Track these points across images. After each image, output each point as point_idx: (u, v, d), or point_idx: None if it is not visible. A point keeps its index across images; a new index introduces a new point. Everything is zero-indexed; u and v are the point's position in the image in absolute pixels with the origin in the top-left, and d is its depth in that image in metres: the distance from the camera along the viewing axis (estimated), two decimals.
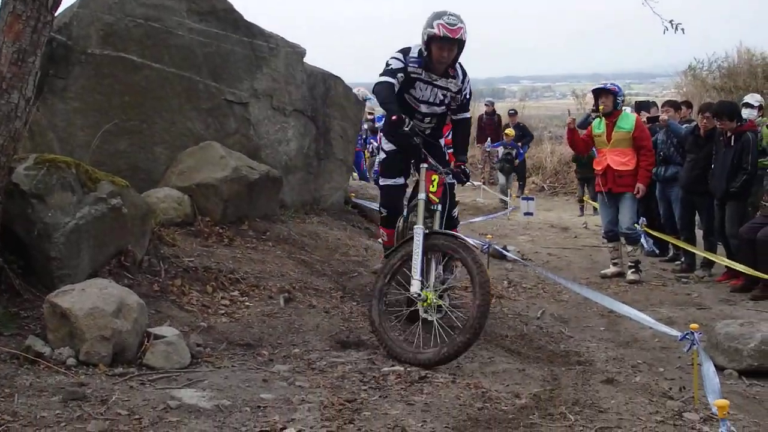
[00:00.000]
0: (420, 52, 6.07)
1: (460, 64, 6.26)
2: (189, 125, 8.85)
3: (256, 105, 9.53)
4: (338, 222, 9.97)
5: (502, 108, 24.86)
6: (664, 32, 8.13)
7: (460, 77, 6.28)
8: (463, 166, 6.28)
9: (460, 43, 5.95)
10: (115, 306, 4.72)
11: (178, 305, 5.72)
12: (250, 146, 9.30)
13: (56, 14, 5.35)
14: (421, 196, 5.88)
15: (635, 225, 9.71)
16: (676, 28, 8.13)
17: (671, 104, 11.93)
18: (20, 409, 3.86)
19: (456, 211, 6.82)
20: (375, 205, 10.66)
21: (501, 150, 18.71)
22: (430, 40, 5.91)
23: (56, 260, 5.30)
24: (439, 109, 6.37)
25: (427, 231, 5.64)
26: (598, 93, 9.55)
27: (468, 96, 6.49)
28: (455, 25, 5.85)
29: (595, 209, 14.94)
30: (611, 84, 9.61)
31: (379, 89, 6.03)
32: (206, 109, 9.05)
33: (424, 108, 6.32)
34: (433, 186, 5.91)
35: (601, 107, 9.46)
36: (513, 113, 21.06)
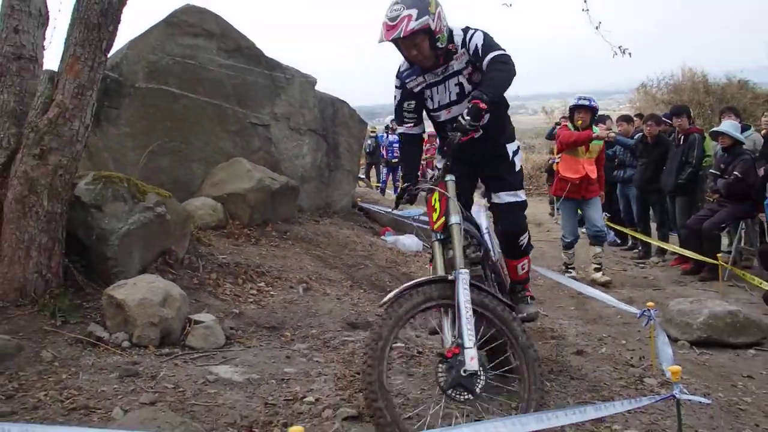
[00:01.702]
0: None
1: (452, 30, 4.01)
2: (220, 144, 8.91)
3: (276, 126, 9.58)
4: (347, 223, 9.99)
5: None
6: (613, 56, 8.21)
7: (460, 43, 3.97)
8: (477, 104, 3.54)
9: (422, 33, 3.78)
10: (161, 297, 4.75)
11: (214, 295, 5.73)
12: (272, 161, 9.34)
13: (109, 55, 5.38)
14: (453, 219, 3.57)
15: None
16: (624, 52, 8.21)
17: (624, 118, 12.03)
18: (84, 385, 3.91)
19: (524, 239, 4.38)
20: (377, 208, 10.70)
21: None
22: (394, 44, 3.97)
23: (112, 259, 5.33)
24: (460, 108, 4.05)
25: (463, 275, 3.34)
26: (578, 108, 8.44)
27: (479, 46, 3.90)
28: (396, 17, 3.76)
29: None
30: (592, 101, 8.45)
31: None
32: (234, 131, 9.11)
33: (443, 117, 4.24)
34: (435, 212, 3.65)
35: (579, 122, 8.34)
36: None
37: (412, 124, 4.32)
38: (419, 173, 4.40)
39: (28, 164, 4.88)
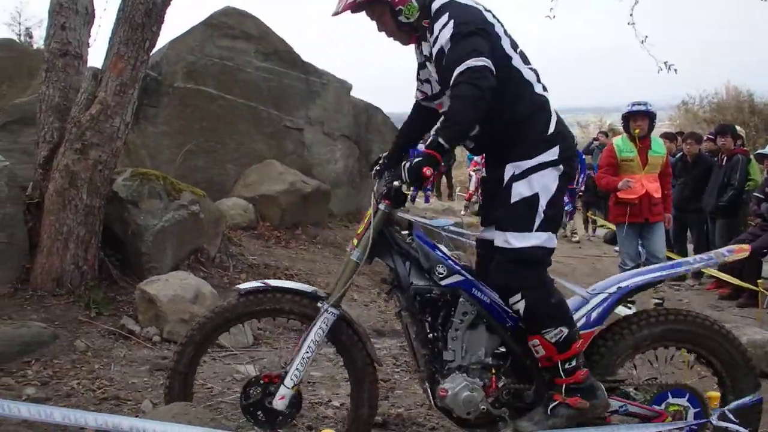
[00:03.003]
0: None
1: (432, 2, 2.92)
2: (254, 146, 9.07)
3: (309, 130, 9.72)
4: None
5: None
6: (658, 71, 8.05)
7: (433, 26, 2.87)
8: (424, 160, 2.64)
9: (378, 4, 2.93)
10: (192, 294, 4.88)
11: None
12: (304, 164, 9.47)
13: (150, 54, 5.55)
14: (355, 254, 2.91)
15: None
16: (669, 69, 8.08)
17: (666, 136, 11.80)
18: (115, 376, 4.06)
19: (520, 304, 2.84)
20: (408, 216, 10.70)
21: None
22: None
23: (146, 255, 5.48)
24: (445, 95, 2.95)
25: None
26: (633, 115, 7.11)
27: (445, 49, 2.80)
28: None
29: (595, 223, 14.65)
30: (648, 106, 7.17)
31: None
32: (268, 133, 9.26)
33: (438, 106, 3.14)
34: (360, 228, 2.98)
35: (636, 131, 7.02)
36: None
37: (421, 96, 3.30)
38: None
39: (69, 158, 5.06)
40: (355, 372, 3.03)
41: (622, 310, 5.94)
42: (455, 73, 2.66)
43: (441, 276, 2.91)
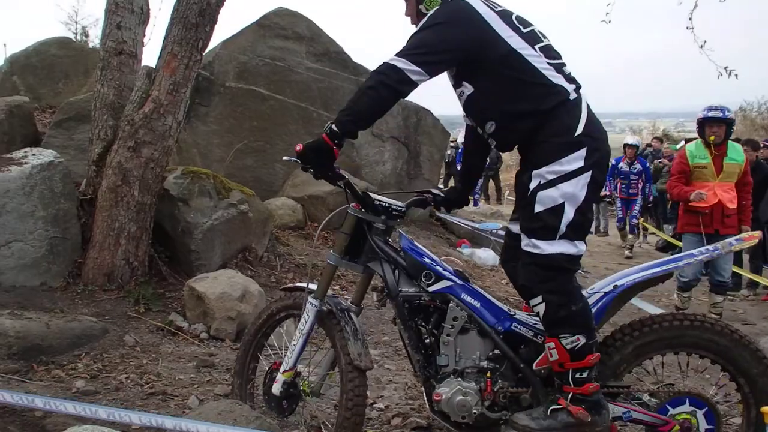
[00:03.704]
0: None
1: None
2: None
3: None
4: (423, 232, 9.99)
5: None
6: (718, 77, 7.81)
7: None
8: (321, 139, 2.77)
9: None
10: (240, 292, 4.90)
11: None
12: (353, 165, 9.46)
13: (203, 54, 5.60)
14: (330, 257, 3.12)
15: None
16: (730, 74, 7.83)
17: (747, 143, 11.42)
18: (163, 371, 4.09)
19: (541, 306, 2.75)
20: (455, 219, 10.65)
21: None
22: None
23: (195, 252, 5.53)
24: (459, 92, 2.91)
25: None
26: (709, 122, 6.62)
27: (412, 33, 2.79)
28: None
29: (646, 230, 14.20)
30: (725, 112, 6.69)
31: None
32: (318, 134, 9.18)
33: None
34: None
35: (712, 138, 6.53)
36: None
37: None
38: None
39: (122, 155, 5.14)
40: (340, 369, 3.04)
41: (648, 307, 5.76)
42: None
43: (429, 282, 2.92)
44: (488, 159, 3.61)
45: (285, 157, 2.99)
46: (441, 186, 17.17)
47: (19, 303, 4.53)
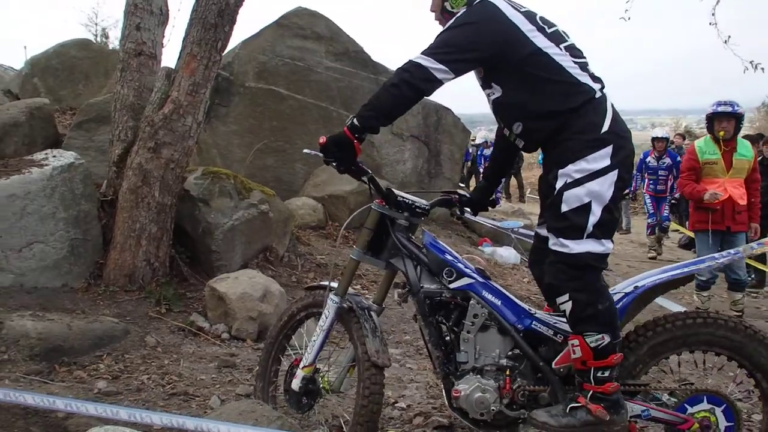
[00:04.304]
0: None
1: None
2: None
3: (379, 130, 9.67)
4: (444, 231, 9.94)
5: None
6: (744, 71, 7.69)
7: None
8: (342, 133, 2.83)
9: None
10: (261, 292, 4.88)
11: None
12: (373, 165, 9.42)
13: (222, 54, 5.59)
14: (354, 251, 3.15)
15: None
16: (756, 68, 7.71)
17: (747, 138, 11.28)
18: (184, 371, 4.08)
19: (568, 305, 2.75)
20: (476, 218, 10.57)
21: None
22: None
23: (216, 253, 5.53)
24: (487, 93, 2.92)
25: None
26: (718, 116, 6.55)
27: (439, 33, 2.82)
28: None
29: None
30: (735, 107, 6.56)
31: None
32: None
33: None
34: None
35: (721, 133, 6.48)
36: None
37: None
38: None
39: (142, 156, 5.14)
40: (358, 366, 3.03)
41: (671, 305, 5.66)
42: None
43: (450, 279, 2.93)
44: None
45: (306, 150, 3.03)
46: (461, 185, 17.14)
47: (41, 304, 4.54)
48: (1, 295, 4.54)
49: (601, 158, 2.67)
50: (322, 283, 3.31)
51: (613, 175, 2.69)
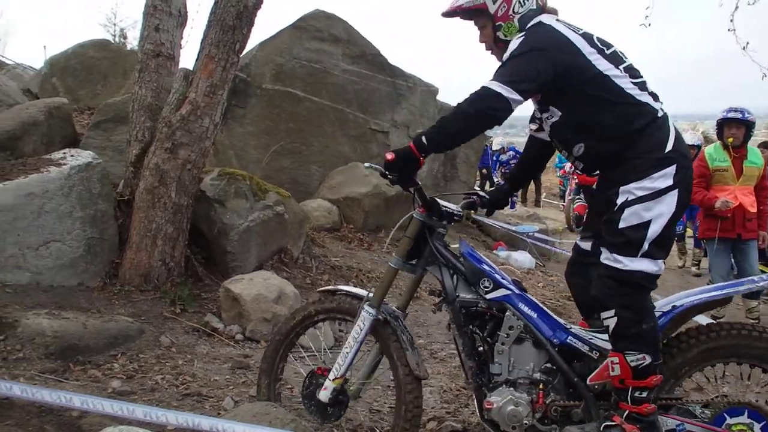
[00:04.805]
0: None
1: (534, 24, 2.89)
2: (339, 148, 9.10)
3: (395, 133, 9.67)
4: (459, 234, 9.93)
5: None
6: (762, 77, 7.61)
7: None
8: (409, 148, 2.79)
9: (480, 15, 2.97)
10: (275, 294, 4.88)
11: None
12: None
13: (240, 56, 5.60)
14: (393, 260, 3.07)
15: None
16: None
17: (765, 145, 11.13)
18: (198, 372, 4.08)
19: (612, 321, 2.73)
20: (491, 222, 10.53)
21: None
22: None
23: (231, 254, 5.53)
24: (545, 117, 2.94)
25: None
26: (728, 123, 6.47)
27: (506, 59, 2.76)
28: None
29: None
30: (745, 114, 6.48)
31: None
32: (354, 136, 9.28)
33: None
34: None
35: (730, 139, 6.39)
36: None
37: (534, 127, 3.22)
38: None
39: (159, 157, 5.16)
40: (396, 379, 3.01)
41: (700, 317, 5.56)
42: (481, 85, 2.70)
43: (487, 290, 2.91)
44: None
45: (366, 165, 3.04)
46: (477, 188, 17.06)
47: (57, 303, 4.56)
48: (17, 293, 4.56)
49: (665, 177, 2.67)
50: (340, 287, 3.28)
51: (674, 195, 2.68)
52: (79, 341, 4.07)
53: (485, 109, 2.64)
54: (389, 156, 2.74)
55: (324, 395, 3.04)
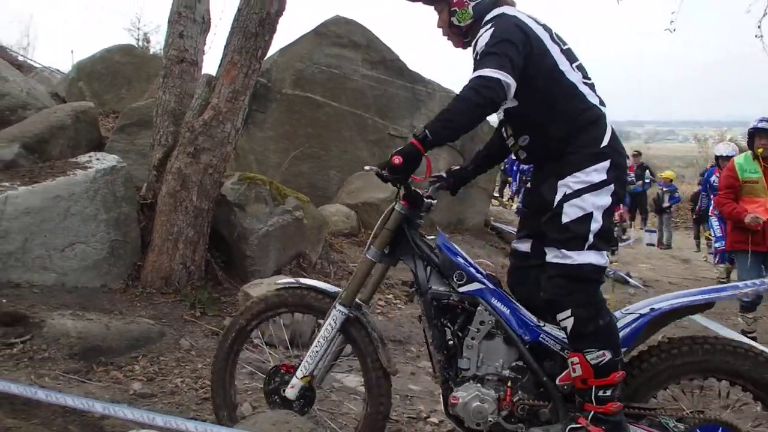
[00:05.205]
0: None
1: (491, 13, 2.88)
2: (358, 153, 9.13)
3: None
4: (478, 241, 9.91)
5: (627, 149, 23.75)
6: None
7: (477, 36, 2.82)
8: (412, 144, 2.67)
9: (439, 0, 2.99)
10: None
11: None
12: None
13: (262, 62, 5.66)
14: (369, 252, 3.04)
15: None
16: None
17: None
18: None
19: (569, 322, 2.72)
20: (510, 229, 10.51)
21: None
22: None
23: (250, 258, 5.59)
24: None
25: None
26: (759, 132, 6.24)
27: (479, 53, 2.74)
28: None
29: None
30: None
31: None
32: (373, 141, 9.31)
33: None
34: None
35: (760, 150, 6.15)
36: (636, 154, 19.50)
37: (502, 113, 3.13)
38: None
39: (182, 161, 5.23)
40: (366, 376, 3.00)
41: (714, 326, 5.44)
42: (475, 73, 2.66)
43: (460, 283, 2.86)
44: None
45: (366, 167, 2.93)
46: (496, 195, 17.00)
47: (81, 304, 4.63)
48: (44, 294, 4.64)
49: (599, 172, 2.71)
50: (306, 281, 3.19)
51: (609, 190, 2.72)
52: (102, 342, 4.13)
53: (491, 95, 2.60)
54: (397, 160, 2.66)
55: (291, 393, 2.99)
